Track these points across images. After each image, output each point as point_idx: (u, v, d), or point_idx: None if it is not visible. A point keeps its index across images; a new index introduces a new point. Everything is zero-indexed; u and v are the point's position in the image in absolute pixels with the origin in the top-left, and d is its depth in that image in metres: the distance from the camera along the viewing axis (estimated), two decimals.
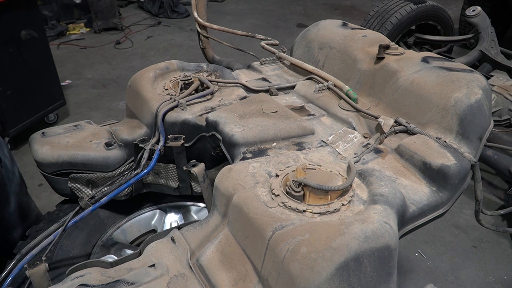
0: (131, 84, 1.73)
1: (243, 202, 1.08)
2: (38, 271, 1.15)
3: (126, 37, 5.99)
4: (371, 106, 1.59)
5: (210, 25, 2.12)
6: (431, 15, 3.42)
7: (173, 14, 6.90)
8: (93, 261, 1.15)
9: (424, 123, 1.43)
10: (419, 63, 1.57)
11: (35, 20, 3.33)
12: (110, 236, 1.72)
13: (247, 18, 6.89)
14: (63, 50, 5.61)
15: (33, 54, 3.37)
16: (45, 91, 3.58)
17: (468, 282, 2.42)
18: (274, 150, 1.34)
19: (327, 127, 1.51)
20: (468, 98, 1.37)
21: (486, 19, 3.08)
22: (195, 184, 1.65)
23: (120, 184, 1.41)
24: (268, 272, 0.98)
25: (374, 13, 3.42)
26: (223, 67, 1.89)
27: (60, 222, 1.31)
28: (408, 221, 1.18)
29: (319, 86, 1.70)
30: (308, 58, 1.92)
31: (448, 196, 1.26)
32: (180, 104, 1.55)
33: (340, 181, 1.14)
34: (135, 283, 1.04)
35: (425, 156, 1.27)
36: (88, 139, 1.62)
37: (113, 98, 4.42)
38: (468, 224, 2.80)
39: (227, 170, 1.21)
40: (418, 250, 2.61)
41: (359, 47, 1.73)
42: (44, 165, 1.56)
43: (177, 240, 1.18)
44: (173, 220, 1.87)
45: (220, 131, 1.40)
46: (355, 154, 1.34)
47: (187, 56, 5.40)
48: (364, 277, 0.95)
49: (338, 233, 0.95)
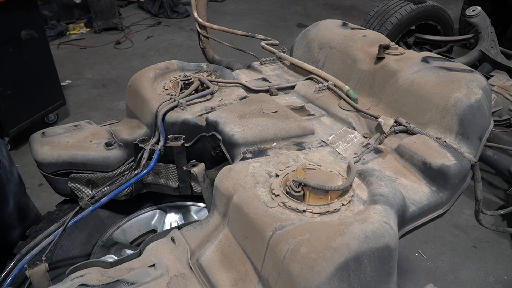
0: (131, 84, 1.73)
1: (243, 202, 1.08)
2: (38, 271, 1.15)
3: (126, 37, 5.99)
4: (371, 106, 1.59)
5: (210, 25, 2.12)
6: (431, 15, 3.42)
7: (173, 14, 6.90)
8: (93, 261, 1.15)
9: (424, 123, 1.43)
10: (419, 63, 1.57)
11: (35, 20, 3.33)
12: (110, 236, 1.72)
13: (247, 18, 6.89)
14: (63, 50, 5.61)
15: (33, 54, 3.36)
16: (45, 91, 3.58)
17: (468, 282, 2.42)
18: (274, 150, 1.34)
19: (327, 127, 1.51)
20: (468, 98, 1.37)
21: (486, 19, 3.08)
22: (195, 184, 1.65)
23: (120, 184, 1.41)
24: (268, 272, 0.98)
25: (374, 13, 3.42)
26: (223, 67, 1.88)
27: (60, 222, 1.31)
28: (408, 221, 1.18)
29: (319, 86, 1.70)
30: (308, 58, 1.92)
31: (448, 196, 1.26)
32: (180, 104, 1.55)
33: (340, 181, 1.14)
34: (135, 283, 1.04)
35: (425, 156, 1.27)
36: (88, 139, 1.62)
37: (113, 98, 4.42)
38: (468, 224, 2.80)
39: (227, 170, 1.21)
40: (418, 250, 2.61)
41: (359, 47, 1.73)
42: (44, 165, 1.56)
43: (177, 240, 1.18)
44: (173, 220, 1.87)
45: (220, 131, 1.40)
46: (355, 154, 1.34)
47: (187, 56, 5.40)
48: (364, 277, 0.95)
49: (338, 233, 0.95)
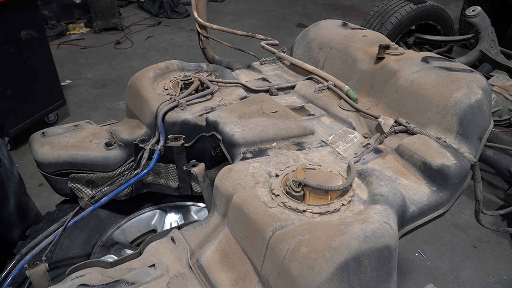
0: (131, 84, 1.73)
1: (243, 202, 1.08)
2: (38, 271, 1.15)
3: (126, 37, 5.99)
4: (371, 106, 1.59)
5: (210, 25, 2.12)
6: (431, 15, 3.42)
7: (173, 14, 6.90)
8: (93, 261, 1.15)
9: (424, 123, 1.43)
10: (419, 63, 1.57)
11: (35, 20, 3.33)
12: (110, 236, 1.72)
13: (247, 18, 6.89)
14: (63, 50, 5.61)
15: (33, 54, 3.37)
16: (45, 91, 3.58)
17: (468, 282, 2.42)
18: (274, 150, 1.34)
19: (327, 127, 1.51)
20: (468, 98, 1.37)
21: (486, 19, 3.08)
22: (195, 184, 1.65)
23: (120, 184, 1.41)
24: (268, 272, 0.98)
25: (374, 13, 3.42)
26: (223, 67, 1.88)
27: (60, 222, 1.31)
28: (408, 221, 1.18)
29: (319, 86, 1.70)
30: (308, 58, 1.92)
31: (448, 196, 1.26)
32: (180, 104, 1.55)
33: (340, 181, 1.14)
34: (135, 283, 1.04)
35: (425, 156, 1.27)
36: (88, 139, 1.62)
37: (113, 98, 4.42)
38: (468, 224, 2.80)
39: (227, 170, 1.21)
40: (418, 250, 2.61)
41: (359, 47, 1.73)
42: (44, 165, 1.56)
43: (177, 240, 1.18)
44: (173, 220, 1.87)
45: (220, 131, 1.40)
46: (355, 154, 1.34)
47: (187, 56, 5.39)
48: (364, 277, 0.95)
49: (338, 233, 0.95)
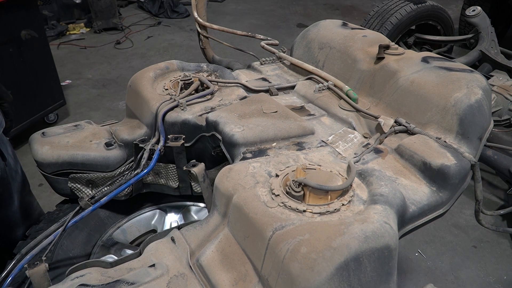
0: (131, 84, 1.72)
1: (243, 202, 1.08)
2: (38, 271, 1.15)
3: (126, 37, 5.99)
4: (371, 106, 1.59)
5: (210, 25, 2.12)
6: (431, 15, 3.42)
7: (173, 14, 6.90)
8: (93, 261, 1.15)
9: (424, 123, 1.43)
10: (419, 63, 1.57)
11: (35, 20, 3.33)
12: (110, 236, 1.72)
13: (247, 18, 6.89)
14: (63, 50, 5.61)
15: (33, 54, 3.37)
16: (45, 91, 3.58)
17: (468, 282, 2.42)
18: (274, 150, 1.33)
19: (327, 127, 1.51)
20: (468, 98, 1.37)
21: (486, 19, 3.08)
22: (195, 184, 1.65)
23: (120, 184, 1.40)
24: (268, 272, 0.98)
25: (374, 13, 3.42)
26: (223, 67, 1.88)
27: (60, 222, 1.31)
28: (408, 221, 1.18)
29: (319, 86, 1.70)
30: (308, 58, 1.92)
31: (448, 196, 1.26)
32: (180, 104, 1.55)
33: (340, 181, 1.14)
34: (135, 283, 1.04)
35: (425, 156, 1.27)
36: (88, 139, 1.62)
37: (113, 98, 4.42)
38: (468, 224, 2.80)
39: (227, 170, 1.21)
40: (418, 250, 2.61)
41: (359, 47, 1.73)
42: (44, 165, 1.56)
43: (177, 240, 1.18)
44: (173, 220, 1.87)
45: (220, 131, 1.40)
46: (355, 154, 1.34)
47: (187, 56, 5.40)
48: (364, 277, 0.95)
49: (338, 233, 0.95)
